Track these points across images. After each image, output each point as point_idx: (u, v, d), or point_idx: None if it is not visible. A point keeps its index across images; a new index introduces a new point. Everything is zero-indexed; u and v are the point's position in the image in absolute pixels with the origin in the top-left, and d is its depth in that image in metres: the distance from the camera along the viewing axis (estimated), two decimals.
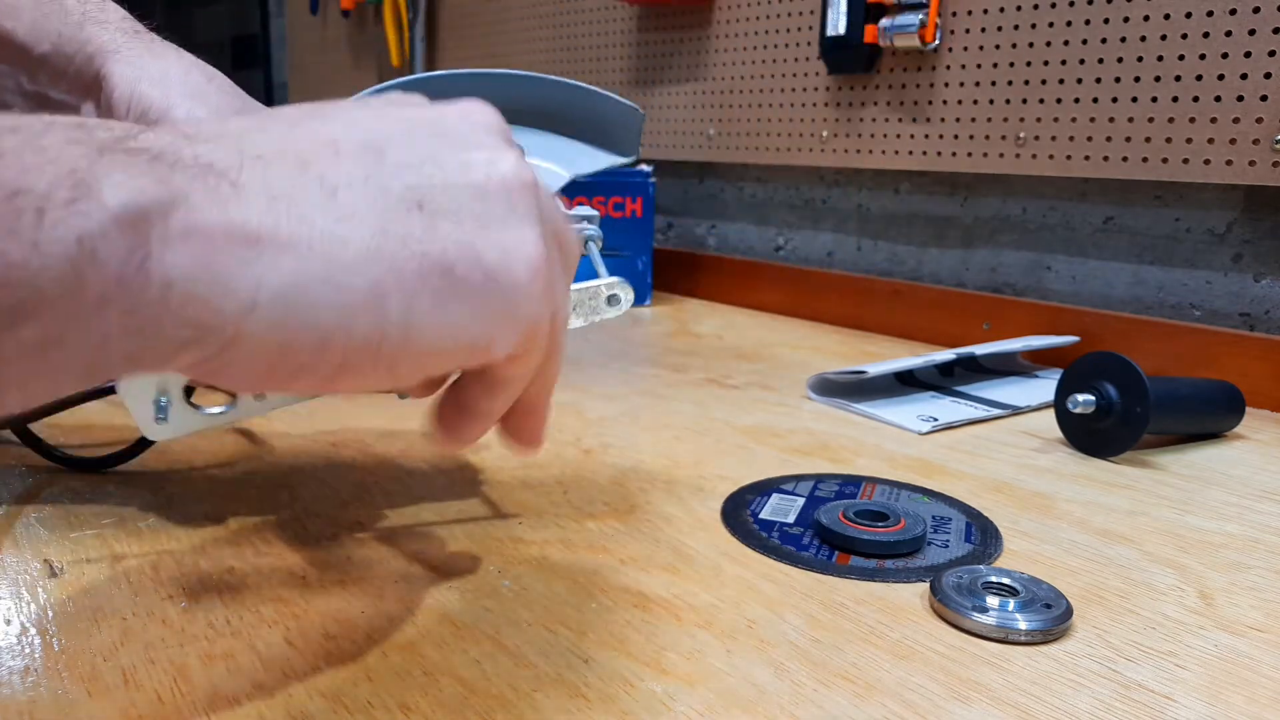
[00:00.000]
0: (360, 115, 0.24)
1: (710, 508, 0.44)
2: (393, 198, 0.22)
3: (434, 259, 0.22)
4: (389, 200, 0.22)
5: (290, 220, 0.20)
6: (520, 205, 0.24)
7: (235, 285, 0.19)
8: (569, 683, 0.29)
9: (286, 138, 0.22)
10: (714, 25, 1.03)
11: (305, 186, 0.21)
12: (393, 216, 0.22)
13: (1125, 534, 0.43)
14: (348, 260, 0.21)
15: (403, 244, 0.22)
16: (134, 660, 0.29)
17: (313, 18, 1.78)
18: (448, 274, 0.22)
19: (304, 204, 0.21)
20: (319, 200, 0.21)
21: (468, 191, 0.23)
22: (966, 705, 0.29)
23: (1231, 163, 0.66)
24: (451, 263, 0.22)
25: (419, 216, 0.22)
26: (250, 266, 0.20)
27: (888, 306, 0.90)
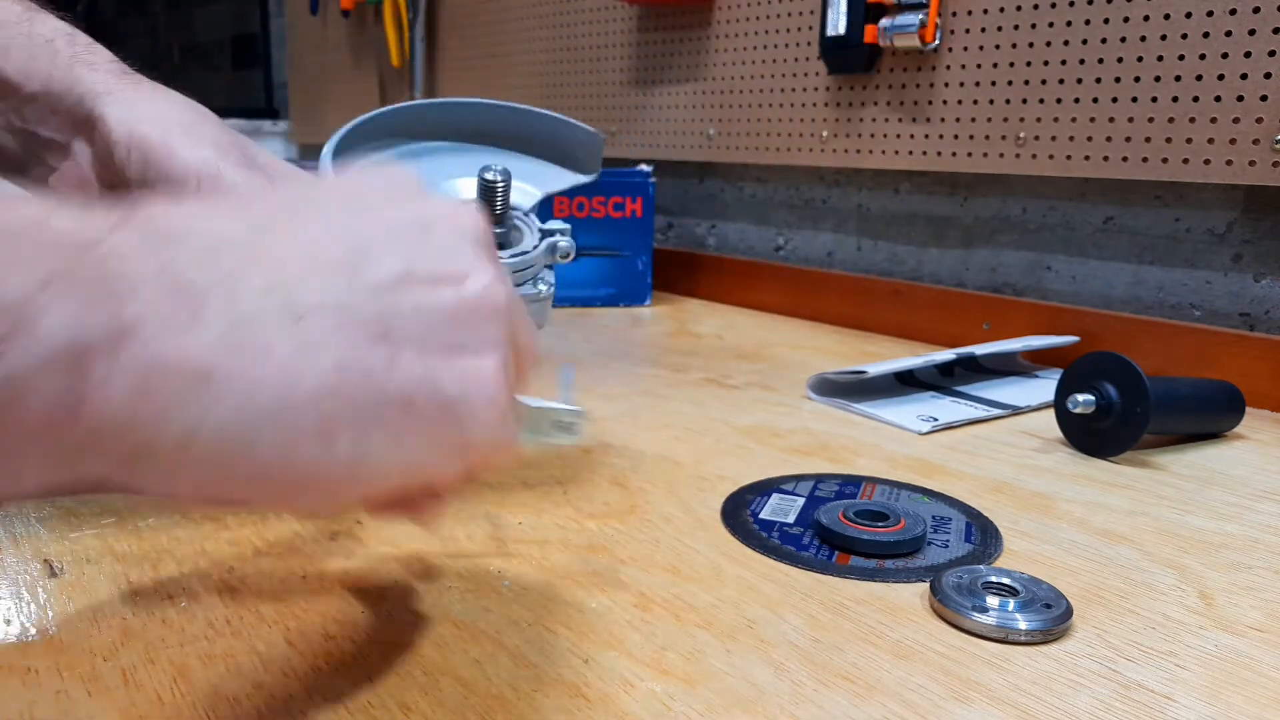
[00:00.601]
0: (344, 213, 0.23)
1: (710, 508, 0.44)
2: (359, 327, 0.21)
3: (392, 394, 0.21)
4: (355, 330, 0.21)
5: (246, 352, 0.19)
6: (487, 330, 0.23)
7: (174, 421, 0.18)
8: (569, 683, 0.29)
9: (263, 241, 0.21)
10: (714, 25, 1.03)
11: (270, 310, 0.20)
12: (356, 348, 0.21)
13: (1125, 534, 0.43)
14: (301, 397, 0.20)
15: (363, 379, 0.21)
16: (134, 660, 0.29)
17: (313, 18, 1.78)
18: (405, 408, 0.21)
19: (266, 331, 0.20)
20: (282, 327, 0.20)
21: (436, 315, 0.22)
22: (966, 705, 0.29)
23: (1231, 163, 0.66)
24: (410, 396, 0.22)
25: (383, 348, 0.21)
26: (195, 402, 0.18)
27: (888, 306, 0.90)
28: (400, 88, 1.55)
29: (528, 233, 0.44)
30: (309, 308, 0.20)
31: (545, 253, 0.44)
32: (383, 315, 0.22)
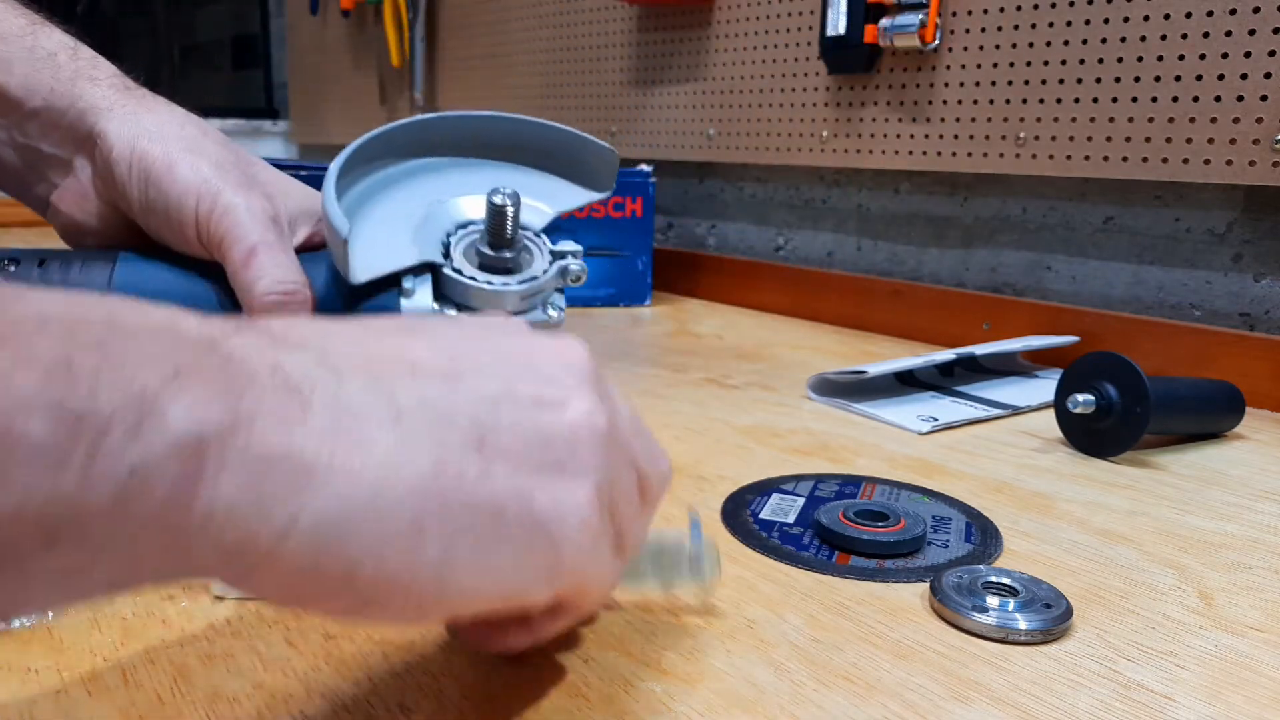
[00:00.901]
0: (450, 336, 0.24)
1: (710, 507, 0.44)
2: (456, 431, 0.22)
3: (483, 501, 0.21)
4: (452, 433, 0.21)
5: (348, 444, 0.20)
6: (584, 454, 0.23)
7: (277, 513, 0.19)
8: (569, 682, 0.29)
9: (369, 351, 0.22)
10: (714, 25, 1.03)
11: (374, 405, 0.21)
12: (452, 451, 0.21)
13: (1125, 534, 0.43)
14: (397, 493, 0.20)
15: (456, 482, 0.21)
16: (134, 660, 0.29)
17: (313, 17, 1.78)
18: (496, 518, 0.22)
19: (368, 425, 0.20)
20: (383, 423, 0.20)
21: (533, 434, 0.23)
22: (966, 705, 0.29)
23: (1231, 163, 0.66)
24: (502, 506, 0.22)
25: (477, 456, 0.22)
26: (298, 493, 0.19)
27: (888, 306, 0.90)
28: (400, 88, 1.55)
29: (538, 255, 0.43)
30: (409, 406, 0.21)
31: (556, 277, 0.42)
32: (481, 424, 0.22)
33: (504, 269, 0.40)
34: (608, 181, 0.46)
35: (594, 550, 0.24)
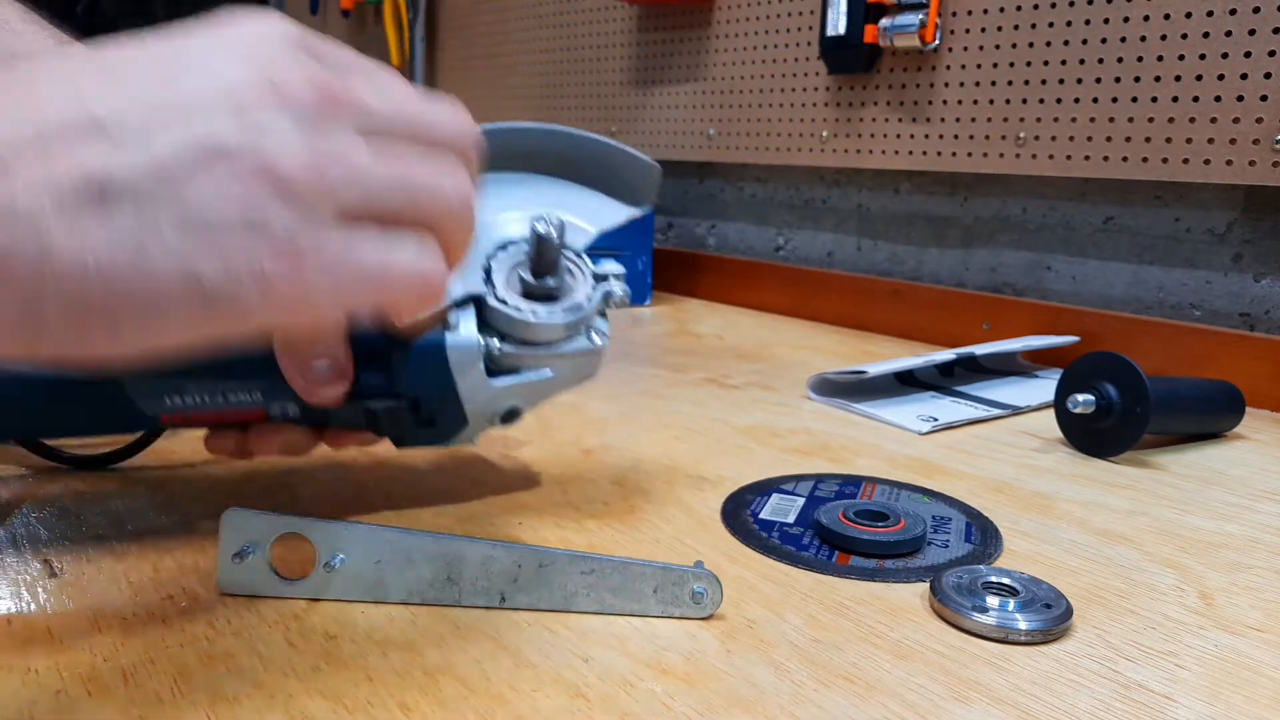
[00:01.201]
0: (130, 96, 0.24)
1: (710, 508, 0.44)
2: (147, 220, 0.23)
3: (143, 290, 0.23)
4: (140, 222, 0.23)
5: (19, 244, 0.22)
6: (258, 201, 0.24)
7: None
8: (569, 683, 0.29)
9: (51, 123, 0.22)
10: (714, 25, 1.03)
11: (41, 199, 0.22)
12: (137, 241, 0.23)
13: (1125, 534, 0.43)
14: (69, 289, 0.22)
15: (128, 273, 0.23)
16: (134, 660, 0.29)
17: (312, 18, 1.78)
18: (157, 304, 0.23)
19: (39, 221, 0.22)
20: (58, 216, 0.22)
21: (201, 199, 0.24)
22: (966, 705, 0.29)
23: (1231, 163, 0.66)
24: (166, 293, 0.24)
25: (153, 238, 0.23)
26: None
27: (888, 306, 0.90)
28: None
29: (581, 279, 0.40)
30: (60, 215, 0.22)
31: (600, 299, 0.40)
32: (156, 199, 0.22)
33: (547, 296, 0.39)
34: (649, 195, 0.43)
35: (294, 293, 0.24)
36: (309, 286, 0.24)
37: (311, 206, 0.24)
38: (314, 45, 0.25)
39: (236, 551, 0.33)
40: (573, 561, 0.33)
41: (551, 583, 0.33)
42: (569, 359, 0.39)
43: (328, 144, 0.24)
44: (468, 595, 0.33)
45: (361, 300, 0.26)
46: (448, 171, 0.27)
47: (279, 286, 0.23)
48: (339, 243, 0.24)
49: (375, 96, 0.26)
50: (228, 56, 0.24)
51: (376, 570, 0.33)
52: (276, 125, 0.23)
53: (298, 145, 0.24)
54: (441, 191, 0.27)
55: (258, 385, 0.36)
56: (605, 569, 0.33)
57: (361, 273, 0.25)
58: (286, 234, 0.23)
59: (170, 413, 0.37)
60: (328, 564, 0.33)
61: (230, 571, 0.33)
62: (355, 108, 0.25)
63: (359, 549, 0.33)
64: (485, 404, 0.39)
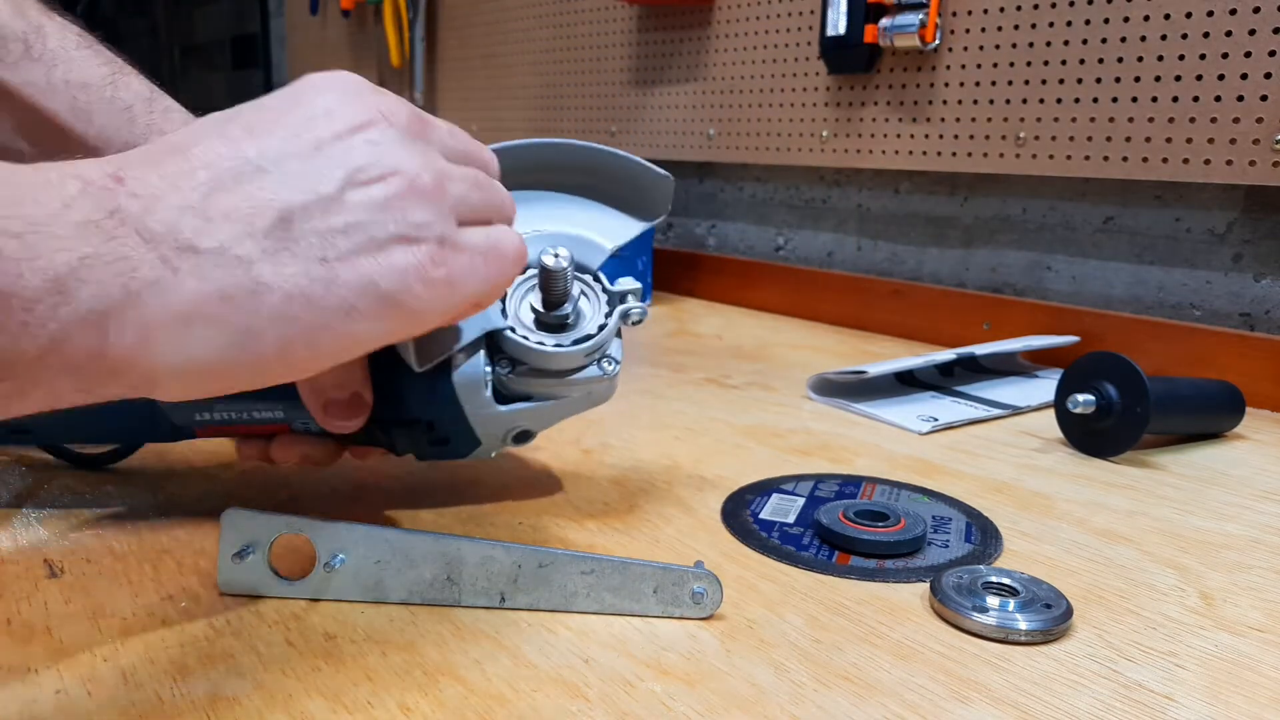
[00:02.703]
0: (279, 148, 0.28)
1: (710, 508, 0.44)
2: (307, 251, 0.26)
3: (334, 306, 0.26)
4: (303, 255, 0.26)
5: (212, 293, 0.25)
6: (413, 213, 0.29)
7: (167, 356, 0.24)
8: (569, 683, 0.29)
9: (213, 192, 0.25)
10: (714, 25, 1.03)
11: (226, 252, 0.25)
12: (308, 271, 0.26)
13: (1125, 534, 0.43)
14: (260, 321, 0.25)
15: (314, 295, 0.26)
16: (134, 660, 0.29)
17: (312, 18, 1.78)
18: (349, 315, 0.27)
19: (223, 268, 0.25)
20: (239, 261, 0.25)
21: (360, 220, 0.27)
22: (967, 705, 0.29)
23: (1231, 163, 0.66)
24: (350, 305, 0.27)
25: (322, 268, 0.26)
26: (182, 341, 0.24)
27: (888, 306, 0.90)
28: (400, 88, 1.55)
29: (595, 303, 0.39)
30: (258, 245, 0.25)
31: (616, 325, 0.39)
32: (321, 237, 0.26)
33: (561, 326, 0.38)
34: (663, 207, 0.42)
35: (447, 287, 0.28)
36: (458, 278, 0.28)
37: (443, 212, 0.28)
38: (383, 90, 0.30)
39: (236, 551, 0.33)
40: (572, 561, 0.33)
41: (551, 583, 0.33)
42: (581, 386, 0.39)
43: (435, 159, 0.29)
44: (468, 595, 0.33)
45: (489, 282, 0.30)
46: (494, 180, 0.32)
47: (439, 284, 0.28)
48: (465, 237, 0.29)
49: (444, 127, 0.31)
50: (337, 99, 0.28)
51: (376, 570, 0.33)
52: (392, 143, 0.28)
53: (420, 161, 0.28)
54: (499, 191, 0.32)
55: (279, 405, 0.38)
56: (605, 569, 0.33)
57: (487, 257, 0.29)
58: (435, 237, 0.28)
59: (201, 425, 0.39)
60: (327, 564, 0.33)
61: (230, 571, 0.33)
62: (437, 131, 0.30)
63: (359, 549, 0.33)
64: (496, 427, 0.39)
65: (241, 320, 0.25)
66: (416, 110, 0.30)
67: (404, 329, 0.28)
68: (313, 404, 0.36)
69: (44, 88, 0.42)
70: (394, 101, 0.29)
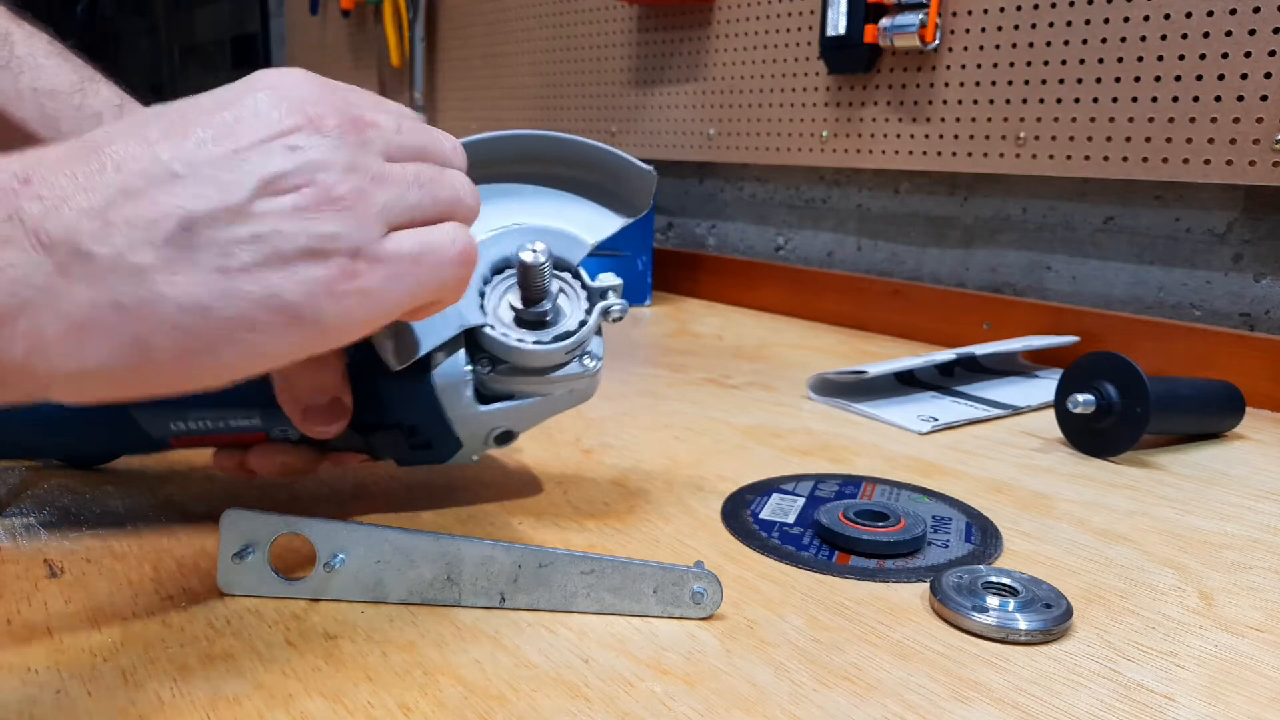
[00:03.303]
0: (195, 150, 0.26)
1: (710, 508, 0.44)
2: (212, 260, 0.25)
3: (236, 317, 0.26)
4: (211, 262, 0.25)
5: (108, 304, 0.24)
6: (326, 222, 0.27)
7: (61, 364, 0.24)
8: (569, 682, 0.29)
9: (120, 189, 0.25)
10: (714, 25, 1.03)
11: (127, 254, 0.24)
12: (208, 281, 0.25)
13: (1125, 534, 0.43)
14: (156, 328, 0.25)
15: (211, 309, 0.25)
16: (134, 660, 0.29)
17: (313, 18, 1.78)
18: (250, 326, 0.26)
19: (125, 273, 0.24)
20: (141, 268, 0.24)
21: (273, 232, 0.27)
22: (967, 705, 0.29)
23: (1231, 163, 0.66)
24: (251, 319, 0.26)
25: (223, 279, 0.25)
26: (79, 351, 0.24)
27: (888, 306, 0.90)
28: (400, 88, 1.55)
29: (575, 299, 0.39)
30: (159, 261, 0.24)
31: (596, 321, 0.38)
32: (224, 246, 0.25)
33: (540, 323, 0.38)
34: (645, 202, 0.41)
35: (361, 299, 0.27)
36: (375, 289, 0.27)
37: (362, 221, 0.27)
38: (335, 86, 0.29)
39: (236, 551, 0.33)
40: (572, 561, 0.33)
41: (551, 583, 0.33)
42: (562, 383, 0.38)
43: (363, 163, 0.27)
44: (468, 595, 0.33)
45: (421, 291, 0.29)
46: (452, 174, 0.31)
47: (351, 298, 0.27)
48: (389, 245, 0.28)
49: (391, 124, 0.29)
50: (270, 101, 0.27)
51: (376, 570, 0.33)
52: (317, 149, 0.26)
53: (342, 167, 0.27)
54: (452, 186, 0.30)
55: (256, 412, 0.37)
56: (605, 569, 0.33)
57: (418, 263, 0.28)
58: (347, 250, 0.26)
59: (176, 436, 0.38)
60: (328, 564, 0.33)
61: (230, 572, 0.33)
62: (379, 132, 0.28)
63: (359, 549, 0.33)
64: (478, 428, 0.38)
65: (135, 329, 0.24)
66: (355, 112, 0.28)
67: (320, 342, 0.27)
68: (291, 410, 0.35)
69: (12, 95, 0.41)
70: (330, 102, 0.28)
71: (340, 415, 0.36)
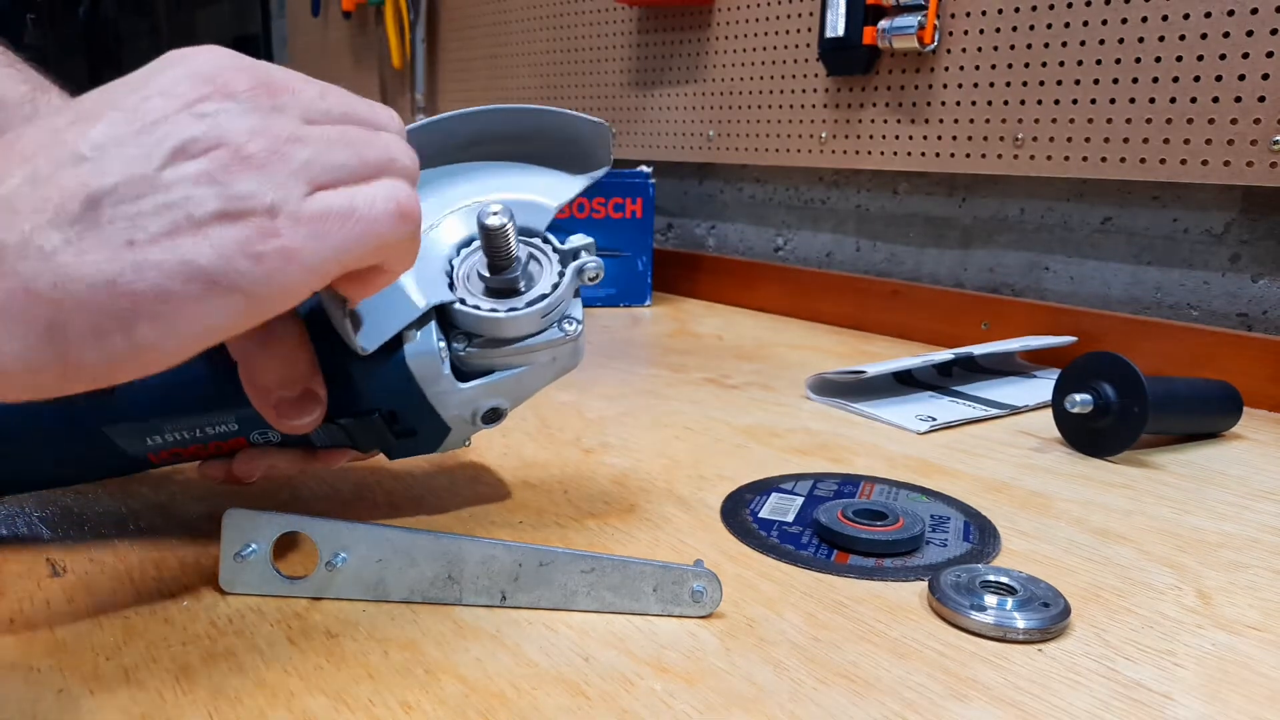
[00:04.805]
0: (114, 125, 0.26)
1: (710, 507, 0.44)
2: (116, 234, 0.25)
3: (148, 290, 0.25)
4: (115, 237, 0.24)
5: (24, 271, 0.23)
6: (241, 185, 0.26)
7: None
8: (569, 681, 0.29)
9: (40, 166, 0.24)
10: (714, 26, 1.03)
11: (38, 227, 0.24)
12: (115, 255, 0.24)
13: (1123, 533, 0.43)
14: (70, 306, 0.24)
15: (121, 282, 0.25)
16: (136, 659, 0.29)
17: (314, 19, 1.78)
18: (164, 299, 0.25)
19: (37, 248, 0.24)
20: (55, 244, 0.24)
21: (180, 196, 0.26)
22: (965, 703, 0.29)
23: (1229, 163, 0.67)
24: (166, 291, 0.25)
25: (130, 252, 0.25)
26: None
27: (886, 307, 0.90)
28: (401, 89, 1.56)
29: (547, 264, 0.38)
30: (65, 240, 0.23)
31: (571, 283, 0.37)
32: (130, 219, 0.24)
33: (510, 290, 0.37)
34: (604, 157, 0.40)
35: (283, 259, 0.26)
36: (297, 247, 0.26)
37: (278, 179, 0.26)
38: (252, 61, 0.27)
39: (238, 551, 0.33)
40: (573, 560, 0.33)
41: (552, 581, 0.33)
42: (543, 351, 0.37)
43: (278, 123, 0.26)
44: (469, 594, 0.34)
45: (353, 249, 0.27)
46: (385, 135, 0.29)
47: (273, 259, 0.25)
48: (312, 203, 0.26)
49: (313, 90, 0.28)
50: (178, 76, 0.26)
51: (378, 569, 0.33)
52: (227, 113, 0.26)
53: (250, 126, 0.26)
54: (383, 141, 0.29)
55: (231, 416, 0.36)
56: (605, 568, 0.33)
57: (345, 219, 0.27)
58: (264, 208, 0.25)
59: (155, 452, 0.37)
60: (329, 563, 0.33)
61: (232, 570, 0.33)
62: (295, 96, 0.27)
63: (360, 548, 0.33)
64: (461, 408, 0.37)
65: (47, 314, 0.23)
66: (268, 78, 0.27)
67: (248, 310, 0.26)
68: (263, 407, 0.34)
69: None
70: (243, 69, 0.27)
71: (314, 406, 0.34)
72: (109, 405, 0.35)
